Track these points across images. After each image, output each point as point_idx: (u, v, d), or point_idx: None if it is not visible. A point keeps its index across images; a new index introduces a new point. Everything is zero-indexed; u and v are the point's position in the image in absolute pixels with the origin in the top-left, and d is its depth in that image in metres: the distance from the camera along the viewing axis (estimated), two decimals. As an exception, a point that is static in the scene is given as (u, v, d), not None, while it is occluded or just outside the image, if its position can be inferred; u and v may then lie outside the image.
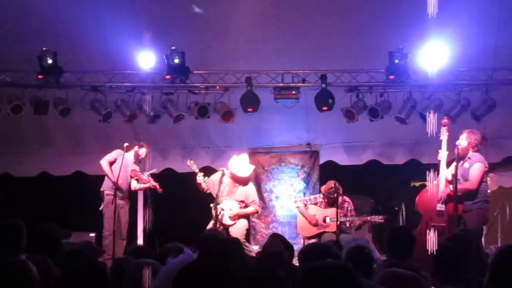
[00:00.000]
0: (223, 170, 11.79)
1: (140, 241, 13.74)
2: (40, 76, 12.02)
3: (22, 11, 11.30)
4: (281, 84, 12.32)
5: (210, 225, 11.40)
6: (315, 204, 12.43)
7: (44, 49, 11.80)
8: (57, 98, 12.50)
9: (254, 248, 11.93)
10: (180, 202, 14.68)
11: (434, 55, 11.29)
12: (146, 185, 12.51)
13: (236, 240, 4.42)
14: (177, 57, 11.75)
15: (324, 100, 12.10)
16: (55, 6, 11.09)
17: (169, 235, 12.37)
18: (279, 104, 12.45)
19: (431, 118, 10.76)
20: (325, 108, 12.13)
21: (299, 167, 14.47)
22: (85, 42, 11.61)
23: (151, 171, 12.62)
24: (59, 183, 14.60)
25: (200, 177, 11.71)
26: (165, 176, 13.13)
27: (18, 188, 14.60)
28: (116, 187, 11.75)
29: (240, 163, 11.84)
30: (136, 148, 12.33)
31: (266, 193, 14.47)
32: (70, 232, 12.43)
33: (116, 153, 12.23)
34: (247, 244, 11.72)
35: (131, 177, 12.32)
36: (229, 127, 13.01)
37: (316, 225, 12.22)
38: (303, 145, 14.31)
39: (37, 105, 12.43)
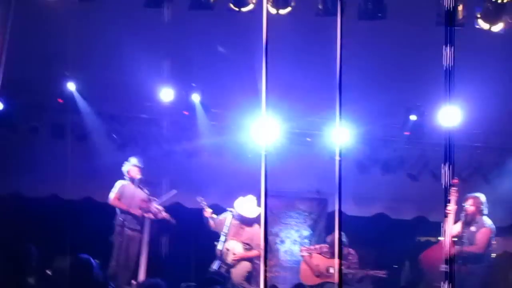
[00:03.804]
0: (231, 211, 11.83)
1: (141, 272, 13.76)
2: (60, 100, 12.14)
3: (47, 36, 11.46)
4: (297, 130, 12.40)
5: (214, 264, 11.45)
6: (320, 253, 12.42)
7: (66, 74, 11.96)
8: (74, 123, 12.61)
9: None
10: (186, 238, 14.67)
11: (450, 115, 11.35)
12: (158, 217, 12.46)
13: None
14: (196, 93, 11.88)
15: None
16: (79, 34, 11.24)
17: (170, 270, 12.43)
18: (292, 150, 12.50)
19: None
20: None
21: (306, 214, 14.47)
22: (106, 70, 11.74)
23: (167, 196, 12.50)
24: (68, 207, 14.62)
25: (208, 212, 11.79)
26: (173, 210, 13.13)
27: (26, 208, 14.63)
28: (127, 218, 11.84)
29: (247, 205, 11.86)
30: (129, 174, 12.31)
31: (271, 236, 14.45)
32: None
33: (119, 186, 12.24)
34: (246, 285, 11.70)
35: (140, 208, 12.29)
36: (241, 168, 13.05)
37: (318, 276, 12.22)
38: (312, 192, 14.30)
39: (55, 128, 12.56)
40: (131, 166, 12.20)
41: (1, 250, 8.70)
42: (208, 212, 11.83)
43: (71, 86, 12.04)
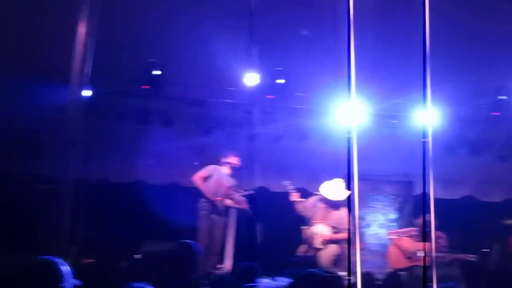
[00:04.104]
0: (318, 194, 11.78)
1: (228, 257, 13.84)
2: (145, 87, 12.27)
3: (132, 22, 11.56)
4: (383, 112, 12.26)
5: (301, 248, 11.43)
6: (409, 236, 12.27)
7: (151, 60, 12.06)
8: (160, 109, 12.73)
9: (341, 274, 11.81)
10: (272, 222, 14.70)
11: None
12: (238, 206, 12.55)
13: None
14: (281, 78, 11.85)
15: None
16: (164, 20, 11.31)
17: (257, 255, 12.44)
18: (378, 132, 12.37)
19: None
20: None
21: (393, 197, 14.33)
22: (191, 56, 11.79)
23: (246, 193, 12.61)
24: (154, 192, 14.79)
25: (295, 196, 11.78)
26: (259, 194, 13.17)
27: (114, 193, 14.85)
28: (212, 202, 11.90)
29: (334, 188, 11.78)
30: (228, 159, 12.40)
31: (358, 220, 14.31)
32: None
33: (210, 169, 12.33)
34: (333, 269, 11.62)
35: (226, 195, 12.37)
36: (326, 151, 12.98)
37: (408, 259, 12.07)
38: (400, 175, 14.14)
39: (140, 114, 12.71)
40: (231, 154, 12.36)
41: (90, 236, 8.85)
42: (295, 196, 11.81)
43: (156, 72, 12.13)
